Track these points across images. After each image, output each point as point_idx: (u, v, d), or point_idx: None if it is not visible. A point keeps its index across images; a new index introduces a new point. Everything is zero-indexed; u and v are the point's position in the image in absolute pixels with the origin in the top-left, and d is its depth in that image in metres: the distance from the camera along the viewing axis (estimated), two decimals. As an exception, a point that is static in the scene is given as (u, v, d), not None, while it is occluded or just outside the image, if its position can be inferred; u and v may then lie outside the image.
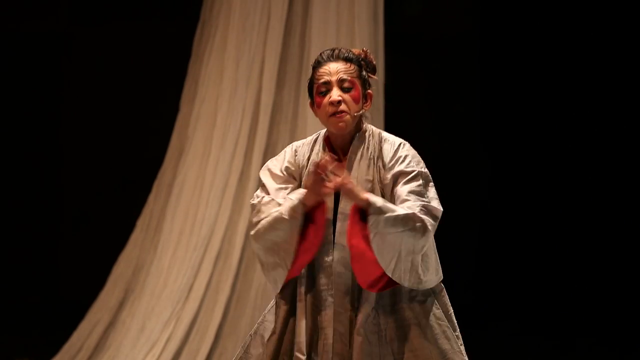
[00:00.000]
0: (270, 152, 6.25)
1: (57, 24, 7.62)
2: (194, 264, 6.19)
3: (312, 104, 3.60)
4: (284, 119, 6.30)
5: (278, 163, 3.62)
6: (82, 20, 7.62)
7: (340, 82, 3.51)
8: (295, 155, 3.63)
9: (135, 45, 7.49)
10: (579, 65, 7.35)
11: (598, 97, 7.35)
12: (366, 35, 6.22)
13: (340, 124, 3.51)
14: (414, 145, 3.63)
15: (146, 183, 6.63)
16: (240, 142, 6.27)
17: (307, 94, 3.66)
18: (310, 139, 3.66)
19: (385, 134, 3.61)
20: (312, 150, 3.62)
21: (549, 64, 7.42)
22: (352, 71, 3.53)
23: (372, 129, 3.61)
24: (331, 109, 3.50)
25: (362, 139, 3.57)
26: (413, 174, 3.48)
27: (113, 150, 7.54)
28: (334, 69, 3.52)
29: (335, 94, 3.50)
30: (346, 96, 3.51)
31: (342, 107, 3.50)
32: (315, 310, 3.51)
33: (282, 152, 3.67)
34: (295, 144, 3.67)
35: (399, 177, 3.49)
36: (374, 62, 3.64)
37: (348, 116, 3.51)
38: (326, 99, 3.50)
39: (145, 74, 7.43)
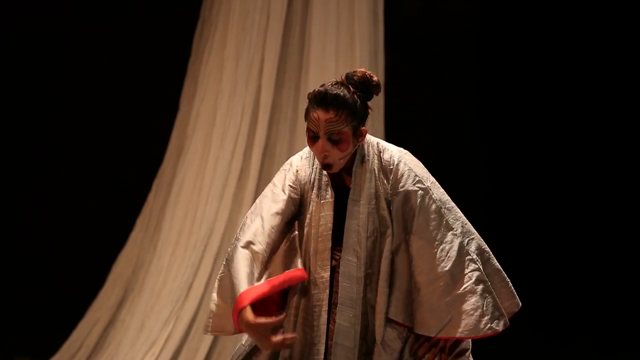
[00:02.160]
0: (269, 151, 6.26)
1: (57, 23, 7.62)
2: (194, 263, 6.19)
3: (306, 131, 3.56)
4: (283, 118, 6.30)
5: (279, 182, 3.57)
6: (82, 18, 7.62)
7: (328, 134, 3.43)
8: (297, 172, 3.59)
9: (135, 44, 7.49)
10: (579, 64, 7.35)
11: (598, 96, 7.35)
12: (366, 35, 6.23)
13: (327, 170, 3.50)
14: (414, 145, 3.62)
15: (146, 182, 6.63)
16: (239, 140, 6.27)
17: (306, 92, 3.65)
18: (308, 151, 3.62)
19: (383, 144, 3.58)
20: (312, 165, 3.59)
21: (548, 63, 7.41)
22: (342, 121, 3.43)
23: (370, 139, 3.58)
24: (317, 156, 3.48)
25: (362, 152, 3.55)
26: (434, 223, 3.50)
27: (112, 148, 7.54)
28: (323, 120, 3.42)
29: (322, 146, 3.44)
30: (333, 148, 3.44)
31: (328, 159, 3.45)
32: (307, 325, 3.50)
33: (282, 170, 3.62)
34: (294, 161, 3.62)
35: (413, 216, 3.49)
36: (378, 82, 3.53)
37: (333, 166, 3.47)
38: (314, 145, 3.46)
39: (145, 72, 7.43)
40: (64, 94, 7.66)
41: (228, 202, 6.23)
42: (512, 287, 3.58)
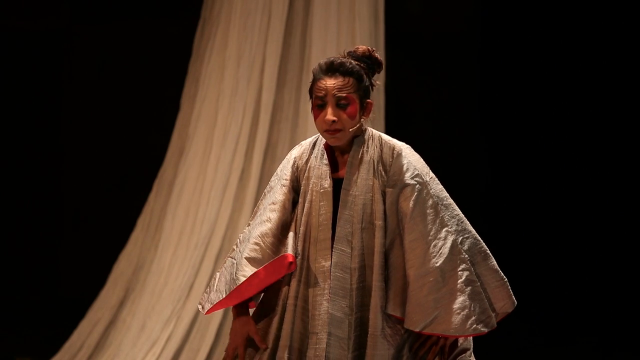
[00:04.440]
0: (270, 151, 6.26)
1: (58, 23, 7.63)
2: (195, 263, 6.19)
3: (312, 108, 3.58)
4: (284, 118, 6.30)
5: (278, 179, 3.61)
6: (84, 18, 7.63)
7: (336, 99, 3.45)
8: (294, 164, 3.60)
9: (136, 44, 7.50)
10: (579, 64, 7.36)
11: (597, 95, 7.36)
12: (367, 35, 6.23)
13: (334, 140, 3.49)
14: (414, 144, 3.62)
15: (147, 182, 6.63)
16: (241, 141, 6.27)
17: (307, 92, 3.64)
18: (309, 141, 3.63)
19: (384, 137, 3.58)
20: (311, 153, 3.60)
21: (549, 62, 7.42)
22: (350, 86, 3.46)
23: (372, 132, 3.58)
24: (325, 126, 3.47)
25: (362, 143, 3.55)
26: (429, 218, 3.48)
27: (114, 148, 7.55)
28: (331, 85, 3.45)
29: (330, 112, 3.45)
30: (341, 113, 3.45)
31: (337, 125, 3.46)
32: (306, 314, 3.49)
33: (281, 165, 3.65)
34: (294, 152, 3.64)
35: (409, 210, 3.48)
36: (380, 58, 3.57)
37: (342, 133, 3.47)
38: (322, 114, 3.47)
39: (146, 72, 7.44)
40: (65, 93, 7.67)
41: (229, 203, 6.23)
42: (509, 287, 3.57)
